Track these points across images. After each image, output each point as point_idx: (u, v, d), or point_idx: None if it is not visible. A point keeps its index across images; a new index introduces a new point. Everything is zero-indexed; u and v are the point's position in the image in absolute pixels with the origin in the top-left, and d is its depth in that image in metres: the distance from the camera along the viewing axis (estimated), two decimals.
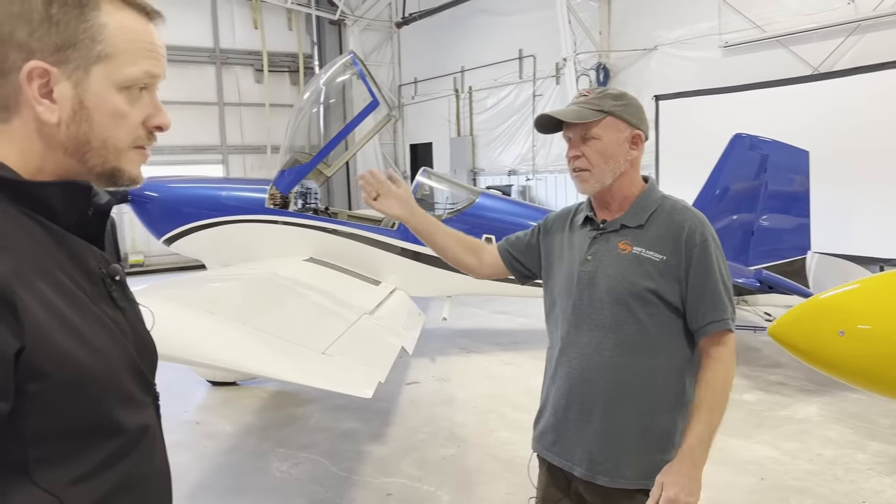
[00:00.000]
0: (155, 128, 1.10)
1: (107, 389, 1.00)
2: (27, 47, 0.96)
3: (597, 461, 1.93)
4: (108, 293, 1.06)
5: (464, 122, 14.29)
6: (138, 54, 1.04)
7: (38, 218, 0.98)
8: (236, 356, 3.22)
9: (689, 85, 9.63)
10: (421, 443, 4.85)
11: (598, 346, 1.94)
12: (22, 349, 0.87)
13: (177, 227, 6.83)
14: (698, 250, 1.89)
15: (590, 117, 1.92)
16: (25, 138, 1.00)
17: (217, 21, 15.01)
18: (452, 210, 6.92)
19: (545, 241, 2.17)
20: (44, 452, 0.93)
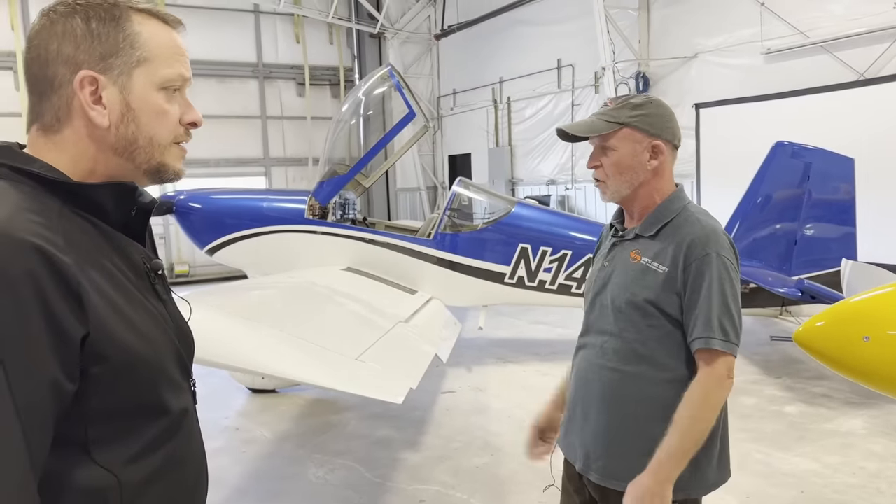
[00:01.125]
0: (190, 124, 1.20)
1: (155, 373, 1.11)
2: (74, 60, 1.07)
3: (590, 458, 2.00)
4: (151, 286, 1.17)
5: (502, 132, 14.32)
6: (171, 58, 1.16)
7: (90, 217, 1.08)
8: (271, 361, 3.30)
9: (730, 93, 9.50)
10: (455, 451, 4.87)
11: (601, 349, 2.00)
12: (87, 335, 0.97)
13: (219, 237, 7.01)
14: (697, 264, 1.86)
15: (604, 129, 1.93)
16: (77, 144, 1.10)
17: (260, 36, 15.36)
18: (489, 220, 6.95)
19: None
20: (102, 432, 1.03)
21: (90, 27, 1.08)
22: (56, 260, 0.95)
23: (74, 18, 1.08)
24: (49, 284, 0.93)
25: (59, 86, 1.08)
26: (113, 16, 1.10)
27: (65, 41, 1.07)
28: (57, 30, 1.08)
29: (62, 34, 1.08)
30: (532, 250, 6.60)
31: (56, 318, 0.93)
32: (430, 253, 6.75)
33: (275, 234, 6.88)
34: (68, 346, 0.95)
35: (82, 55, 1.08)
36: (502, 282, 6.74)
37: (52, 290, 0.93)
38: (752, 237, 6.88)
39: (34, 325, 0.91)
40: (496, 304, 7.04)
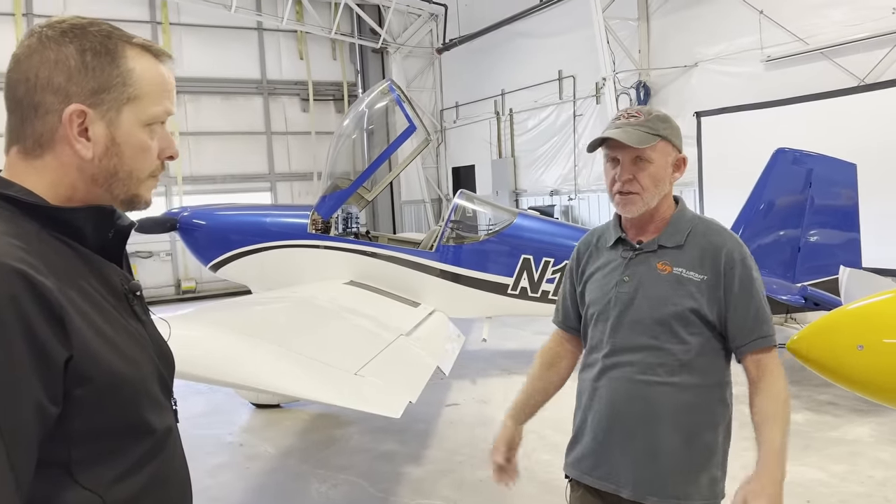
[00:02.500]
0: (168, 158, 1.21)
1: (139, 393, 1.11)
2: (65, 92, 1.08)
3: (644, 482, 1.94)
4: (130, 307, 1.17)
5: (505, 143, 14.36)
6: (160, 95, 1.17)
7: (67, 240, 1.09)
8: (271, 377, 3.31)
9: (730, 100, 9.49)
10: (459, 464, 4.85)
11: (641, 366, 1.95)
12: (70, 357, 0.98)
13: (223, 253, 7.04)
14: (739, 269, 1.92)
15: (648, 141, 1.92)
16: (57, 171, 1.11)
17: (264, 53, 15.48)
18: (491, 231, 6.96)
19: (581, 278, 2.15)
20: (85, 453, 1.03)
21: (84, 59, 1.08)
22: (37, 283, 0.95)
23: (68, 47, 1.08)
24: (31, 308, 0.94)
25: (44, 113, 1.08)
26: (107, 49, 1.10)
27: (56, 70, 1.07)
28: (49, 56, 1.07)
29: (54, 62, 1.07)
30: (535, 261, 6.61)
31: (39, 342, 0.94)
32: (432, 265, 6.77)
33: (278, 249, 6.91)
34: (51, 369, 0.96)
35: (74, 87, 1.08)
36: (505, 293, 6.74)
37: (34, 314, 0.94)
38: (756, 244, 6.85)
39: (17, 349, 0.92)
40: (500, 315, 7.04)
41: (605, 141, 1.95)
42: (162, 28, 14.22)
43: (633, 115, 1.97)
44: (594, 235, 2.16)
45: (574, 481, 2.12)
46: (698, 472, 1.93)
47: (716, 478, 1.97)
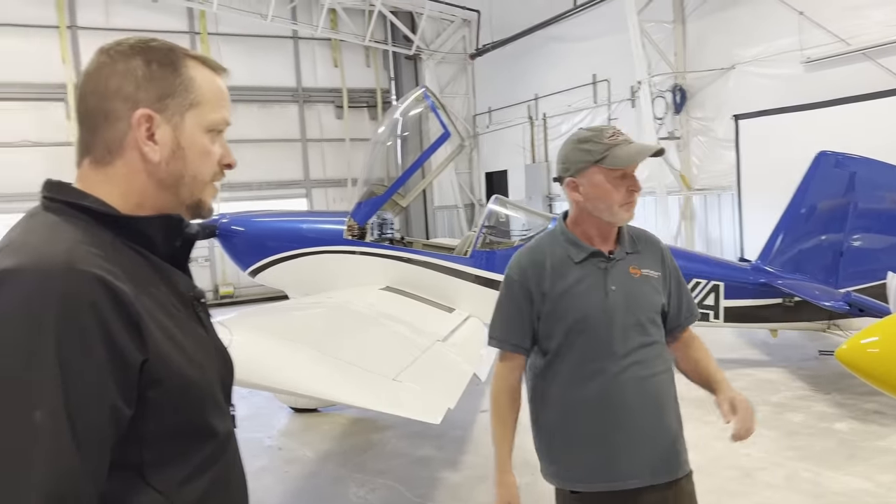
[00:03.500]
0: (226, 166, 1.28)
1: (205, 396, 1.16)
2: (133, 98, 1.15)
3: (661, 466, 2.13)
4: (196, 314, 1.23)
5: (538, 148, 14.33)
6: (219, 103, 1.24)
7: (139, 249, 1.15)
8: (310, 382, 3.35)
9: (769, 103, 9.34)
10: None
11: (645, 363, 2.13)
12: (145, 361, 1.03)
13: (261, 259, 7.14)
14: (670, 260, 2.28)
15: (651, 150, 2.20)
16: (127, 178, 1.18)
17: (299, 62, 15.69)
18: (525, 236, 6.95)
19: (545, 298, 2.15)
20: (156, 455, 1.08)
21: (150, 69, 1.16)
22: (116, 289, 1.01)
23: (136, 59, 1.16)
24: (111, 314, 0.99)
25: (114, 120, 1.15)
26: (170, 60, 1.18)
27: (125, 80, 1.15)
28: (118, 68, 1.16)
29: (123, 73, 1.15)
30: None
31: (118, 346, 0.99)
32: (467, 271, 6.77)
33: (314, 255, 6.99)
34: (128, 372, 1.01)
35: (141, 94, 1.15)
36: None
37: (113, 319, 0.99)
38: (797, 249, 6.74)
39: (97, 353, 0.97)
40: None
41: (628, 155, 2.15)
42: (200, 38, 14.51)
43: (621, 132, 2.17)
44: (541, 254, 2.19)
45: (587, 493, 2.12)
46: (682, 443, 2.21)
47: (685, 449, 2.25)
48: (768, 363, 7.16)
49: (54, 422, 0.93)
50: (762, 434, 5.15)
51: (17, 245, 1.05)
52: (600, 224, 2.15)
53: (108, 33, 13.64)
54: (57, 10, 13.29)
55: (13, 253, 1.02)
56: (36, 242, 1.04)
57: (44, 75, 13.20)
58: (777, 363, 7.13)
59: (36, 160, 13.19)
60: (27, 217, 1.15)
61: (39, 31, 13.24)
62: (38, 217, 1.13)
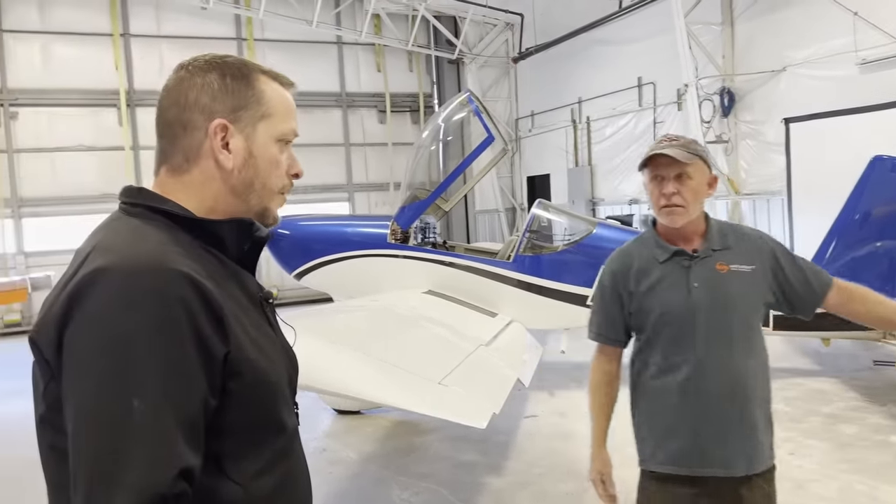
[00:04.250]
0: (294, 175, 1.34)
1: (278, 391, 1.22)
2: (210, 109, 1.23)
3: (751, 455, 2.21)
4: (265, 314, 1.29)
5: (582, 152, 14.21)
6: (287, 115, 1.31)
7: (213, 250, 1.22)
8: (357, 384, 3.38)
9: (822, 106, 9.09)
10: (538, 477, 4.82)
11: (730, 357, 2.20)
12: (227, 353, 1.09)
13: (307, 262, 7.24)
14: (774, 251, 2.32)
15: (690, 158, 2.23)
16: (202, 184, 1.24)
17: (343, 67, 15.88)
18: (569, 241, 6.90)
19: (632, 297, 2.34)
20: (233, 446, 1.13)
21: (225, 82, 1.24)
22: (202, 286, 1.07)
23: (212, 73, 1.24)
24: (198, 308, 1.05)
25: (192, 130, 1.23)
26: (243, 74, 1.26)
27: (203, 92, 1.22)
28: (196, 81, 1.23)
29: (201, 86, 1.23)
30: None
31: (205, 339, 1.05)
32: (510, 275, 6.75)
33: (359, 258, 7.05)
34: (214, 363, 1.06)
35: (217, 105, 1.23)
36: (584, 304, 6.64)
37: (200, 314, 1.05)
38: (850, 256, 6.54)
39: (188, 345, 1.03)
40: (578, 326, 6.95)
41: (651, 160, 2.25)
42: (247, 44, 14.79)
43: (672, 139, 2.28)
44: (629, 256, 2.39)
45: (671, 477, 2.27)
46: (770, 437, 2.28)
47: (772, 439, 2.30)
48: (820, 373, 6.96)
49: (153, 410, 0.98)
50: (814, 445, 5.02)
51: (105, 247, 1.10)
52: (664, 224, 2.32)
53: (158, 40, 14.04)
54: (111, 18, 13.70)
55: (103, 254, 1.07)
56: (123, 244, 1.10)
57: (98, 82, 13.63)
58: (829, 373, 6.93)
59: (90, 164, 13.65)
60: (109, 221, 1.20)
61: (94, 39, 13.67)
62: (121, 221, 1.19)
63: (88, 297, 1.01)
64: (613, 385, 2.48)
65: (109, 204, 13.96)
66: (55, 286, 1.12)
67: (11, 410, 6.21)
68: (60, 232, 13.07)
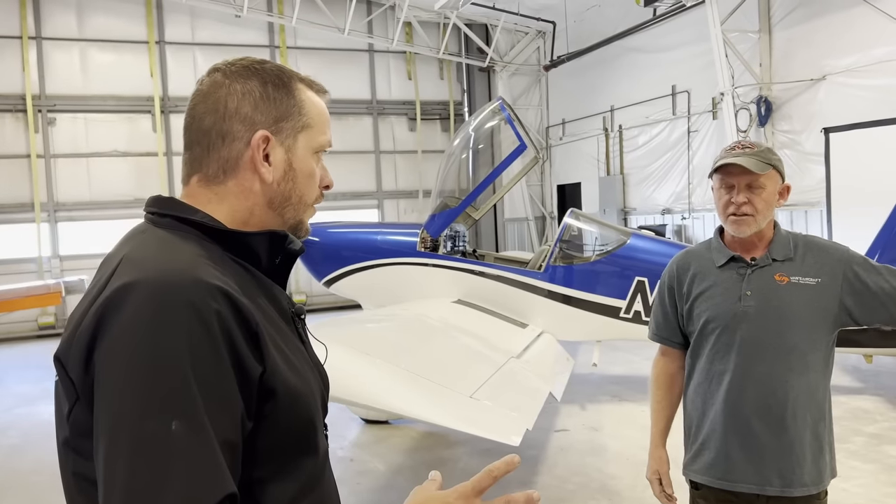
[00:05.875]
0: (325, 187, 1.28)
1: (311, 412, 1.13)
2: (252, 120, 1.16)
3: (787, 475, 2.11)
4: (296, 330, 1.21)
5: (613, 160, 14.05)
6: (325, 126, 1.25)
7: (244, 263, 1.15)
8: (387, 397, 3.32)
9: (863, 115, 8.86)
10: (571, 493, 4.71)
11: (774, 371, 2.13)
12: (263, 373, 1.02)
13: (336, 269, 7.22)
14: (855, 258, 2.20)
15: (764, 169, 2.15)
16: (237, 196, 1.17)
17: (374, 75, 15.92)
18: (602, 252, 6.77)
19: (688, 298, 2.30)
20: (266, 472, 1.04)
21: (267, 91, 1.17)
22: (238, 301, 1.00)
23: (252, 80, 1.17)
24: (234, 324, 0.98)
25: (232, 140, 1.16)
26: (284, 82, 1.19)
27: (244, 101, 1.15)
28: (236, 88, 1.16)
29: (241, 93, 1.15)
30: (650, 284, 6.36)
31: (242, 357, 0.98)
32: (541, 286, 6.64)
33: (389, 266, 7.01)
34: (250, 385, 0.99)
35: (259, 116, 1.16)
36: (617, 316, 6.51)
37: (236, 331, 0.98)
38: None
39: (225, 363, 0.96)
40: (610, 339, 6.82)
41: (724, 167, 2.17)
42: (280, 52, 14.91)
43: (746, 146, 2.19)
44: (690, 258, 2.35)
45: (705, 487, 2.24)
46: (818, 461, 2.15)
47: (825, 463, 2.17)
48: (862, 391, 6.74)
49: (194, 432, 0.91)
50: (858, 468, 4.84)
51: (135, 260, 1.03)
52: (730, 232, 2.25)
53: (192, 48, 14.22)
54: (147, 26, 13.91)
55: (133, 267, 1.01)
56: (154, 257, 1.03)
57: (133, 88, 13.84)
58: (872, 391, 6.71)
59: (124, 170, 13.85)
60: (137, 233, 1.13)
61: (130, 47, 13.88)
62: (149, 233, 1.12)
63: (120, 314, 0.94)
64: (674, 383, 2.43)
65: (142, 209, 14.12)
66: (81, 301, 1.05)
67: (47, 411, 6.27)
68: (94, 236, 13.29)
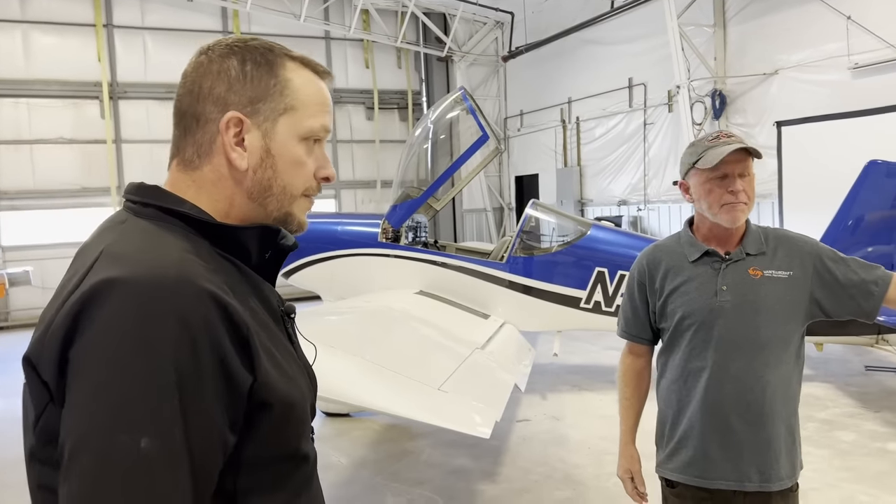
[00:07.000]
0: (323, 179, 1.17)
1: (302, 420, 1.07)
2: (224, 100, 1.07)
3: (765, 471, 2.10)
4: (286, 329, 1.14)
5: (571, 152, 14.16)
6: (317, 109, 1.14)
7: (233, 259, 1.07)
8: (355, 390, 3.26)
9: (814, 110, 9.10)
10: (535, 484, 4.72)
11: (751, 367, 2.10)
12: (253, 383, 0.95)
13: (295, 260, 7.08)
14: (823, 251, 2.17)
15: (758, 155, 2.15)
16: (214, 184, 1.09)
17: (331, 62, 15.67)
18: (562, 243, 6.80)
19: (660, 293, 2.25)
20: (250, 482, 0.98)
21: (244, 69, 1.09)
22: (228, 306, 0.93)
23: (231, 59, 1.09)
24: (223, 333, 0.91)
25: (204, 122, 1.08)
26: (267, 60, 1.10)
27: (218, 80, 1.08)
28: (213, 68, 1.08)
29: (217, 73, 1.08)
30: (609, 274, 6.42)
31: (228, 368, 0.92)
32: (502, 276, 6.65)
33: (349, 257, 6.91)
34: (237, 396, 0.93)
35: (233, 96, 1.08)
36: (578, 307, 6.56)
37: (225, 339, 0.92)
38: None
39: (210, 375, 0.90)
40: (571, 329, 6.87)
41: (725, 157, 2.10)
42: None
43: (730, 135, 2.16)
44: (660, 253, 2.30)
45: (681, 485, 2.21)
46: (792, 453, 2.15)
47: (796, 455, 2.18)
48: (814, 377, 6.93)
49: (164, 451, 0.84)
50: (812, 453, 4.97)
51: (116, 253, 0.94)
52: (713, 225, 2.19)
53: (143, 32, 13.78)
54: (94, 8, 13.41)
55: (115, 262, 0.92)
56: (138, 251, 0.95)
57: (80, 73, 13.33)
58: (823, 378, 6.91)
59: (71, 157, 13.35)
60: (116, 223, 1.04)
61: (76, 30, 13.37)
62: (130, 223, 1.03)
63: (98, 312, 0.86)
64: (642, 380, 2.39)
65: (90, 198, 13.81)
66: (54, 297, 0.96)
67: None
68: (39, 226, 12.80)
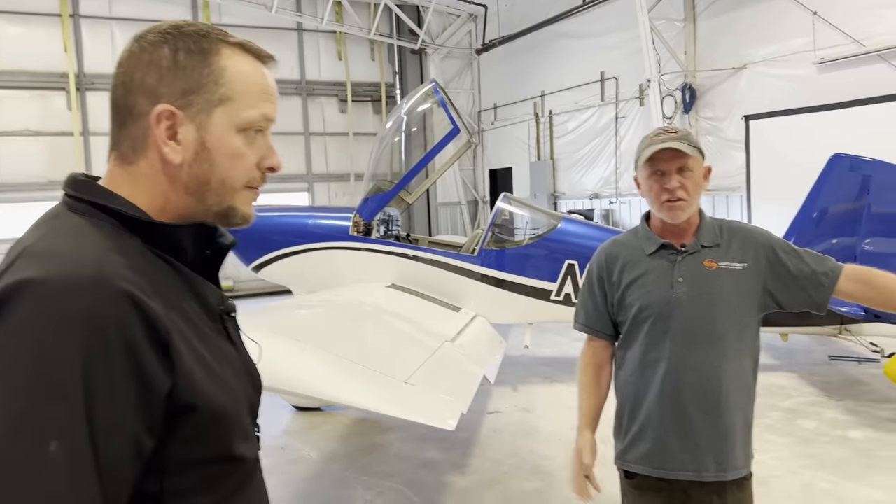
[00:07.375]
0: (268, 169, 1.13)
1: (234, 422, 1.04)
2: (155, 92, 1.03)
3: (722, 461, 2.13)
4: (224, 329, 1.11)
5: (544, 145, 14.21)
6: (256, 97, 1.09)
7: (167, 257, 1.03)
8: (322, 385, 3.25)
9: (781, 104, 9.24)
10: (504, 475, 4.75)
11: (707, 358, 2.13)
12: (173, 387, 0.92)
13: (265, 254, 7.02)
14: (772, 248, 2.20)
15: (694, 152, 2.15)
16: (150, 179, 1.05)
17: (303, 54, 15.56)
18: (534, 235, 6.84)
19: (618, 287, 2.28)
20: (178, 485, 0.96)
21: (177, 59, 1.04)
22: (145, 308, 0.90)
23: (163, 48, 1.04)
24: (139, 335, 0.89)
25: (137, 116, 1.04)
26: (201, 48, 1.05)
27: (149, 71, 1.03)
28: (144, 58, 1.04)
29: (148, 63, 1.03)
30: (579, 267, 6.46)
31: (144, 371, 0.89)
32: (474, 269, 6.66)
33: (320, 251, 6.88)
34: (153, 399, 0.91)
35: (164, 88, 1.03)
36: (548, 299, 6.60)
37: (141, 341, 0.89)
38: None
39: (121, 378, 0.87)
40: (542, 321, 6.91)
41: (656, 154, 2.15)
42: None
43: (671, 131, 2.19)
44: (618, 247, 2.33)
45: (640, 476, 2.23)
46: (747, 442, 2.20)
47: (749, 445, 2.22)
48: (778, 367, 7.06)
49: (72, 455, 0.82)
50: (775, 441, 5.07)
51: (38, 252, 0.92)
52: (664, 219, 2.23)
53: (110, 22, 13.53)
54: None
55: (36, 260, 0.90)
56: (59, 250, 0.92)
57: (46, 64, 13.06)
58: (787, 368, 7.04)
59: (37, 150, 13.09)
60: (49, 218, 1.02)
61: (42, 20, 13.09)
62: (62, 218, 1.01)
63: (9, 312, 0.84)
64: (602, 372, 2.39)
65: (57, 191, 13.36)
66: None
67: None
68: (3, 220, 12.54)
